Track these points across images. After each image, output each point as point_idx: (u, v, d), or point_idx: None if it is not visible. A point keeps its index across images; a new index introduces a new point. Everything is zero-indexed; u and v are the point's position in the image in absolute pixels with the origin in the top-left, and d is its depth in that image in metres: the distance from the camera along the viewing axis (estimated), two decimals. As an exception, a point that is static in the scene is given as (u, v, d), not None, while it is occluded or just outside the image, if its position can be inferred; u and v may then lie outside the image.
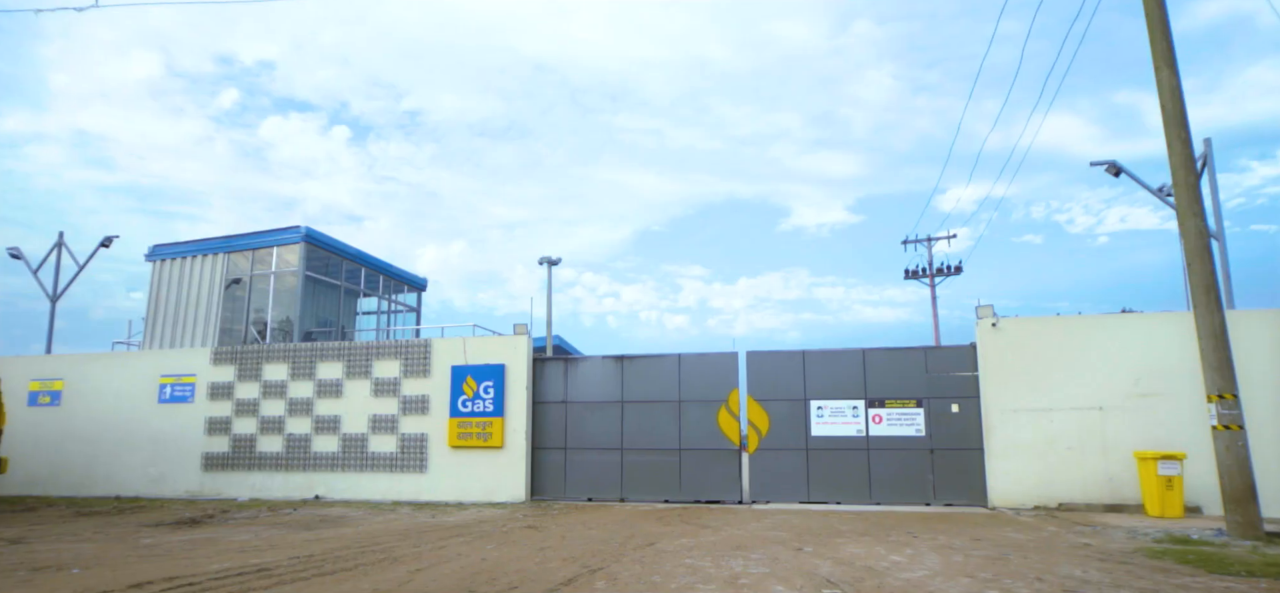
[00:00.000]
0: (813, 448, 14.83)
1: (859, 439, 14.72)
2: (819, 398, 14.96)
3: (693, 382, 15.56)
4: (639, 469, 15.49)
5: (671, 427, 15.49)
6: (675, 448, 15.41)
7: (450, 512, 13.62)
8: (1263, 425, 12.31)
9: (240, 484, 16.77)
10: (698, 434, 15.35)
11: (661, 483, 15.34)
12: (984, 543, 9.30)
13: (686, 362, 15.73)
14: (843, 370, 14.99)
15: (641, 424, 15.64)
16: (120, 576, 7.35)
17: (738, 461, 15.23)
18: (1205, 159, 15.31)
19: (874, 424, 14.65)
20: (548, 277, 24.05)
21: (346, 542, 9.76)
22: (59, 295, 22.63)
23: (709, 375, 15.52)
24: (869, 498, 14.45)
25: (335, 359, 16.91)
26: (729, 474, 15.12)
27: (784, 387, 15.14)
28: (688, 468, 15.30)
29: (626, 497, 15.39)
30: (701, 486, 15.18)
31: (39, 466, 17.78)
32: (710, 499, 15.04)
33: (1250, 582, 6.82)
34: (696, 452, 15.31)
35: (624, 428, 15.69)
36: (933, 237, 33.62)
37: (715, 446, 15.25)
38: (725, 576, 7.21)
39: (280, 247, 23.31)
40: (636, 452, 15.56)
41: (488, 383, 15.73)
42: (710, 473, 15.18)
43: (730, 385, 15.37)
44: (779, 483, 14.86)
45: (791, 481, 14.82)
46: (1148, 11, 10.54)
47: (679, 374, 15.69)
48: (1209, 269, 10.00)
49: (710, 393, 15.42)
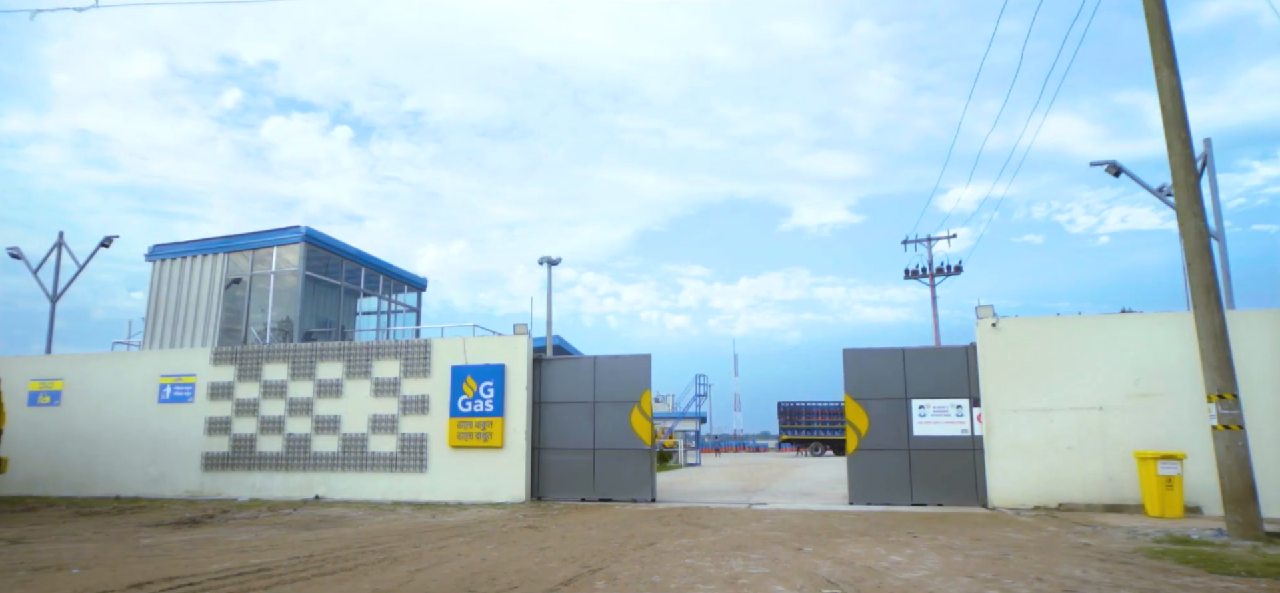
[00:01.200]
0: (915, 448, 14.54)
1: (964, 439, 14.37)
2: (920, 397, 14.67)
3: (607, 384, 15.85)
4: (555, 469, 15.86)
5: (587, 427, 15.83)
6: (589, 448, 15.73)
7: (450, 512, 13.62)
8: (1263, 425, 12.31)
9: (240, 484, 16.77)
10: (612, 435, 15.63)
11: (577, 482, 15.68)
12: (984, 543, 9.29)
13: (601, 364, 16.09)
14: (945, 369, 14.70)
15: (558, 425, 15.98)
16: (120, 576, 7.35)
17: (648, 460, 15.55)
18: (1205, 159, 15.31)
19: (978, 423, 14.24)
20: (548, 277, 24.06)
21: (346, 542, 9.76)
22: (59, 295, 22.63)
23: (622, 378, 15.83)
24: (975, 499, 14.08)
25: (335, 359, 16.91)
26: (640, 473, 15.43)
27: (883, 386, 14.82)
28: (602, 468, 15.59)
29: (542, 496, 15.75)
30: (614, 485, 15.48)
31: (39, 465, 17.78)
32: (626, 498, 15.35)
33: (1250, 582, 6.82)
34: (610, 452, 15.62)
35: (542, 429, 16.02)
36: (932, 237, 33.63)
37: (628, 446, 15.56)
38: (725, 576, 7.21)
39: (280, 247, 23.30)
40: (554, 452, 15.91)
41: (488, 383, 15.72)
42: (623, 473, 15.48)
43: (642, 387, 15.64)
44: (879, 485, 14.55)
45: (893, 482, 14.51)
46: (1147, 11, 10.54)
47: (594, 377, 16.01)
48: (1209, 269, 10.00)
49: (624, 395, 15.71)
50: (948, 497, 14.21)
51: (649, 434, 15.63)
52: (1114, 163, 16.75)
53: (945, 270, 33.35)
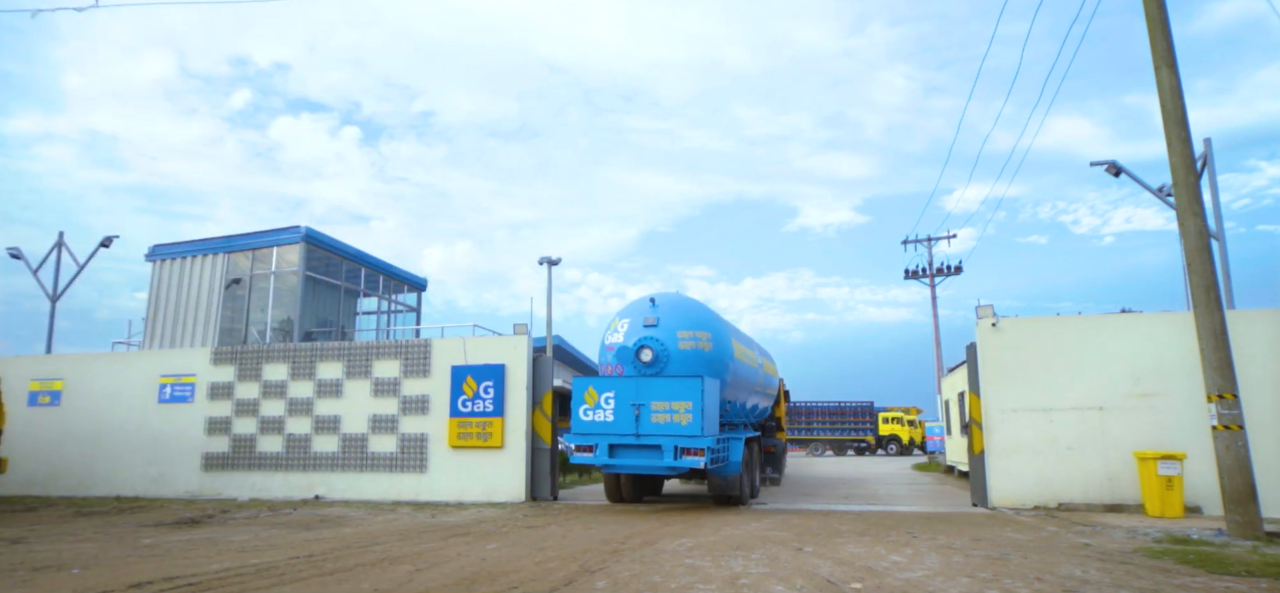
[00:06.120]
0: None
1: None
2: None
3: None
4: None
5: None
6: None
7: (450, 512, 13.62)
8: (1263, 426, 12.31)
9: (240, 484, 16.76)
10: None
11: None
12: (984, 543, 9.29)
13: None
14: None
15: None
16: (120, 576, 7.35)
17: (548, 459, 15.68)
18: (1205, 159, 15.30)
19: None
20: (548, 277, 24.03)
21: (346, 542, 9.75)
22: (59, 295, 22.63)
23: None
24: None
25: (335, 359, 16.91)
26: (541, 472, 15.61)
27: None
28: None
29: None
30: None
31: (39, 466, 17.78)
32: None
33: (1250, 582, 6.82)
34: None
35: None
36: (933, 237, 33.64)
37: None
38: (725, 576, 7.21)
39: (280, 247, 23.31)
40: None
41: (488, 383, 15.72)
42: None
43: (543, 388, 15.83)
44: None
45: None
46: (1148, 11, 10.54)
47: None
48: (1209, 269, 10.00)
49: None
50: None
51: (547, 433, 15.68)
52: (1114, 163, 16.73)
53: (945, 270, 33.36)
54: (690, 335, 14.13)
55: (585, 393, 13.41)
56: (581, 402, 13.41)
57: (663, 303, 14.36)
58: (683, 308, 14.48)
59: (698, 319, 14.40)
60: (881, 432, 46.38)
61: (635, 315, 14.45)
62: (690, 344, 14.03)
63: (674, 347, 13.86)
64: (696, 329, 14.21)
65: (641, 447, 12.98)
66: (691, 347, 14.00)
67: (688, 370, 13.64)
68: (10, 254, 22.11)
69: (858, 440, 46.42)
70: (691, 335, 14.13)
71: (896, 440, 45.72)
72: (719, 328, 14.85)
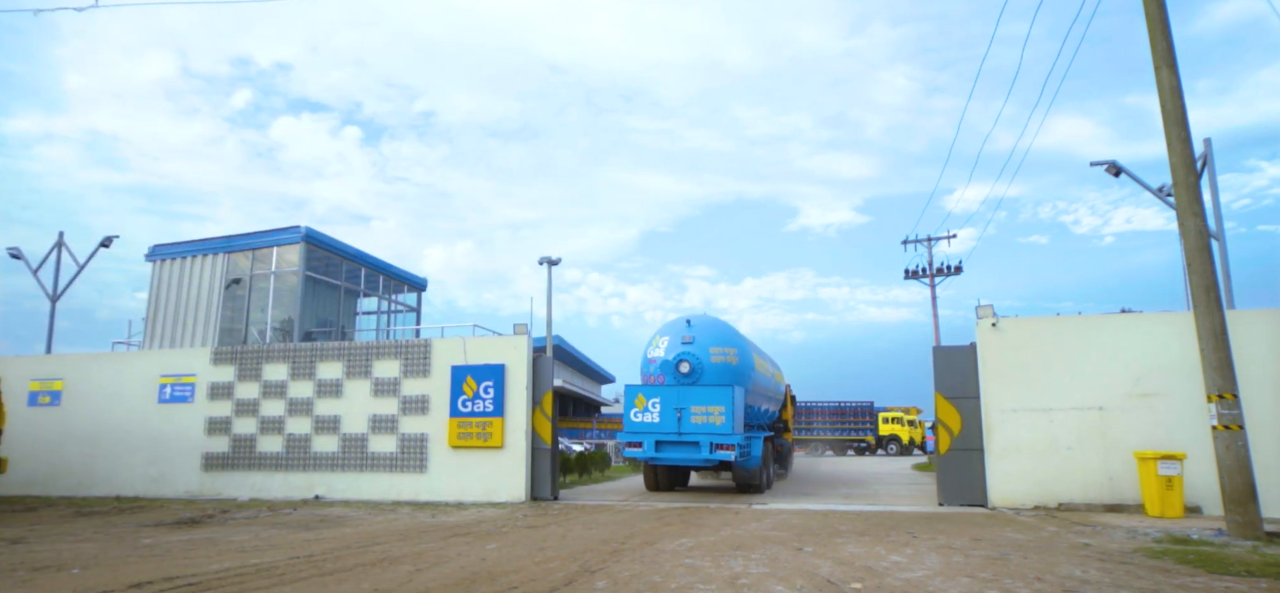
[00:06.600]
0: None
1: None
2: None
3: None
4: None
5: None
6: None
7: (450, 512, 13.62)
8: (1263, 426, 12.30)
9: (240, 484, 16.76)
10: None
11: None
12: (984, 543, 9.29)
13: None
14: None
15: None
16: (120, 575, 7.35)
17: (548, 459, 15.75)
18: (1205, 159, 15.29)
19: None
20: (547, 277, 24.06)
21: (346, 542, 9.75)
22: (59, 295, 22.62)
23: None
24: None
25: (335, 359, 16.91)
26: (541, 472, 15.73)
27: (972, 384, 14.28)
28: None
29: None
30: None
31: (39, 466, 17.77)
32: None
33: (1250, 582, 6.82)
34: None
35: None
36: (933, 237, 33.62)
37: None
38: (725, 576, 7.21)
39: (280, 247, 23.31)
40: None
41: (488, 383, 15.72)
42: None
43: (544, 388, 15.87)
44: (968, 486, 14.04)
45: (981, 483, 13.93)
46: (1147, 11, 10.54)
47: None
48: (1209, 269, 9.99)
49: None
50: None
51: (548, 434, 15.77)
52: (1114, 163, 16.74)
53: (945, 270, 33.35)
54: (721, 351, 16.76)
55: (635, 399, 16.21)
56: (632, 406, 16.17)
57: (697, 323, 17.01)
58: (713, 327, 17.27)
59: (726, 337, 17.25)
60: (881, 432, 46.38)
61: (673, 333, 17.07)
62: (720, 358, 16.68)
63: (707, 360, 16.51)
64: (725, 346, 16.99)
65: (683, 443, 15.68)
66: (722, 360, 16.68)
67: (718, 380, 16.33)
68: (10, 254, 22.10)
69: (858, 440, 46.40)
70: (722, 351, 16.78)
71: (896, 440, 45.71)
72: (743, 344, 17.67)
